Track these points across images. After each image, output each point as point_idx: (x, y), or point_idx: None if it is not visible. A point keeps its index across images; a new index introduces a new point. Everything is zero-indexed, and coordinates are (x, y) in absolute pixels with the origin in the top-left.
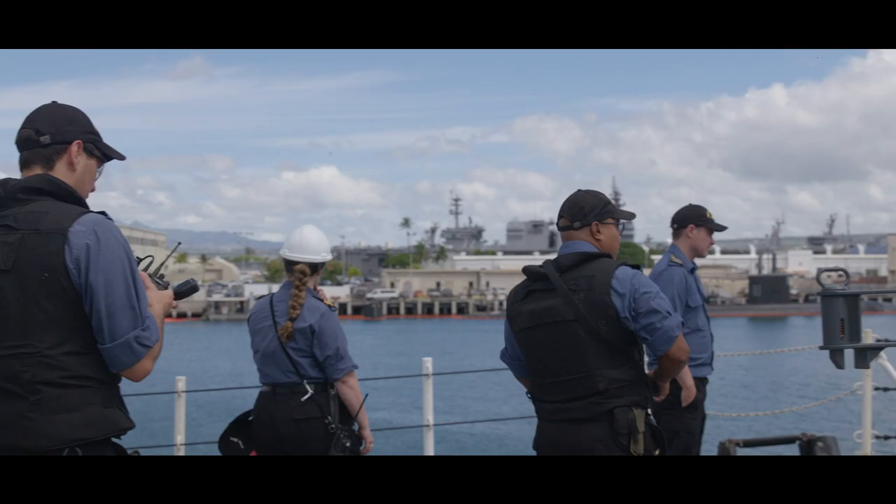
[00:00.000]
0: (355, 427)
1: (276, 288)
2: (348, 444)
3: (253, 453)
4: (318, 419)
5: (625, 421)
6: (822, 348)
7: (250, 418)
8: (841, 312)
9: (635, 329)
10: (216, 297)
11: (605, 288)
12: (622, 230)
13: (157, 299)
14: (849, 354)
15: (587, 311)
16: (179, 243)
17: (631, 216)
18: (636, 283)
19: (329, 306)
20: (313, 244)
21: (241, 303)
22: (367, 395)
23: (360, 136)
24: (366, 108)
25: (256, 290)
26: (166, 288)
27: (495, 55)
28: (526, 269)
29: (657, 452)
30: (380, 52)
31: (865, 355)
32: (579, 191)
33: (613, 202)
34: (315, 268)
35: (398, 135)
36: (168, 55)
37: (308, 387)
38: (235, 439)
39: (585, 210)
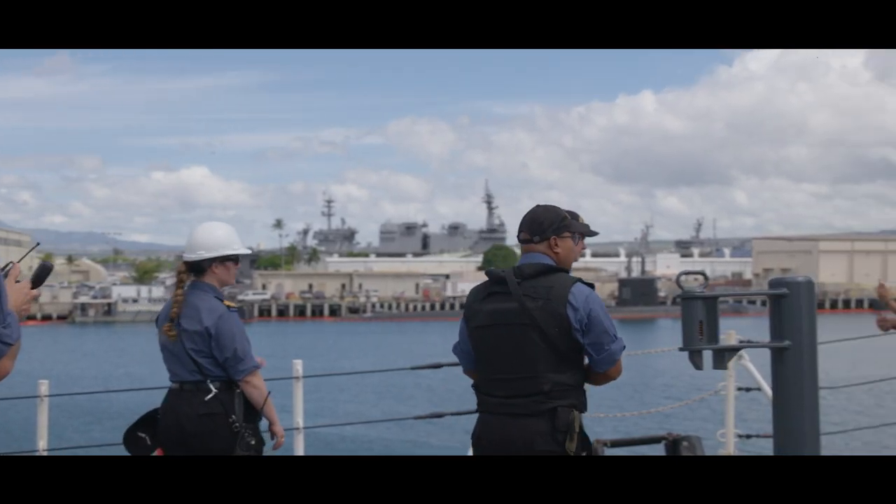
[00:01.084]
0: (266, 424)
1: (144, 290)
2: (252, 443)
3: (159, 451)
4: (221, 417)
5: (566, 419)
6: (681, 349)
7: (159, 415)
8: (700, 314)
9: (584, 343)
10: (83, 299)
11: (562, 300)
12: (578, 243)
13: (12, 292)
14: (708, 355)
15: (542, 319)
16: (38, 243)
17: (590, 232)
18: (591, 302)
19: (229, 307)
20: (192, 242)
21: (109, 305)
22: (269, 392)
23: (233, 136)
24: (239, 108)
25: (124, 291)
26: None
27: (369, 56)
28: (489, 272)
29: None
30: (253, 52)
31: (723, 356)
32: (538, 206)
33: (569, 217)
34: (195, 266)
35: (271, 135)
36: (32, 51)
37: (212, 385)
38: (143, 434)
39: (544, 225)
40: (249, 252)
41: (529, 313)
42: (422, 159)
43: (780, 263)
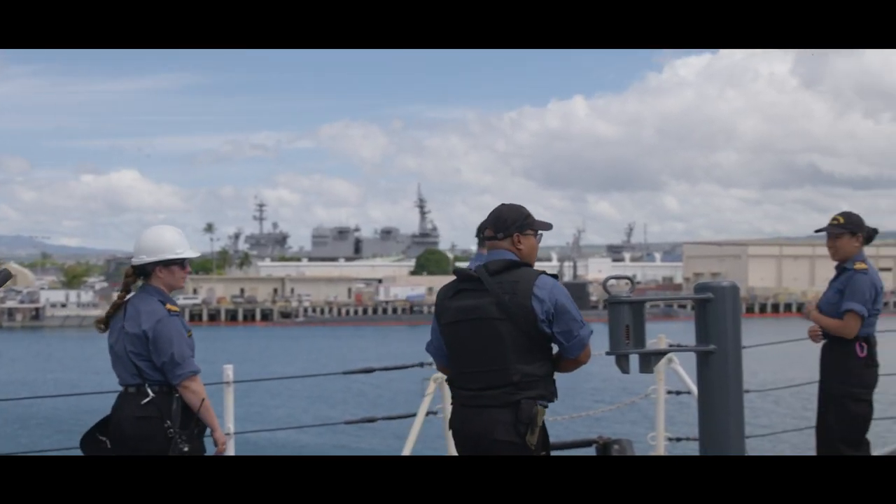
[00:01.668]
0: (206, 431)
1: (73, 295)
2: (186, 449)
3: None
4: (157, 421)
5: (528, 412)
6: (608, 353)
7: None
8: (626, 319)
9: (552, 332)
10: (9, 304)
11: (527, 293)
12: (540, 240)
13: None
14: (634, 359)
15: (510, 312)
16: None
17: (548, 227)
18: (555, 292)
19: (170, 311)
20: (137, 246)
21: (37, 310)
22: (203, 399)
23: (163, 139)
24: (169, 110)
25: (53, 296)
26: None
27: (300, 59)
28: (456, 270)
29: (542, 454)
30: (184, 55)
31: (649, 360)
32: (502, 205)
33: (532, 215)
34: (141, 270)
35: (202, 139)
36: None
37: (150, 389)
38: (103, 438)
39: (508, 223)
40: (197, 256)
41: (499, 307)
42: (354, 163)
43: (710, 268)
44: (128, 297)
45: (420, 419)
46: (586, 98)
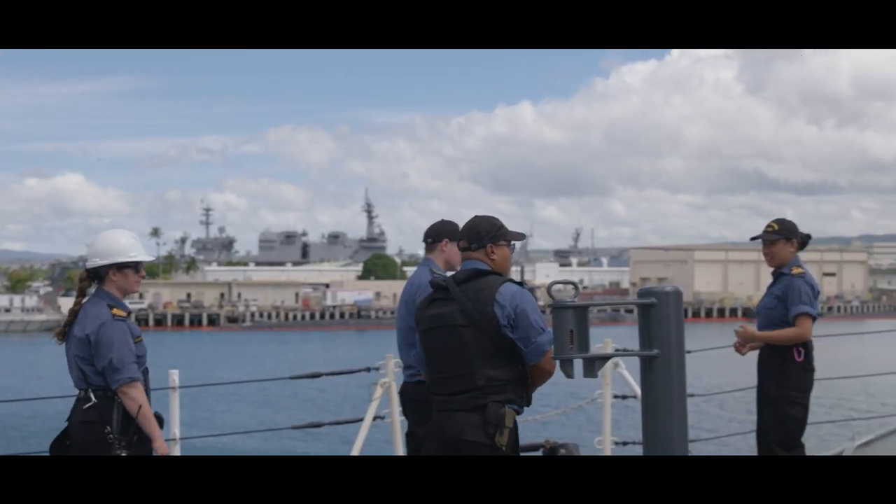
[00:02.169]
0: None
1: (17, 299)
2: (123, 455)
3: None
4: (98, 426)
5: (495, 414)
6: (552, 358)
7: None
8: (570, 323)
9: (514, 337)
10: None
11: (490, 300)
12: (514, 250)
13: None
14: (579, 364)
15: (474, 319)
16: None
17: (521, 237)
18: (517, 299)
19: (115, 316)
20: (90, 250)
21: None
22: (140, 406)
23: (109, 143)
24: (115, 114)
25: None
26: None
27: (246, 62)
28: (431, 282)
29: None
30: (131, 58)
31: (594, 365)
32: (476, 216)
33: (505, 226)
34: (94, 274)
35: (148, 142)
36: None
37: (92, 394)
38: (69, 442)
39: (481, 234)
40: (151, 259)
41: (464, 314)
42: (301, 168)
43: (656, 273)
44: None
45: (367, 424)
46: (534, 103)
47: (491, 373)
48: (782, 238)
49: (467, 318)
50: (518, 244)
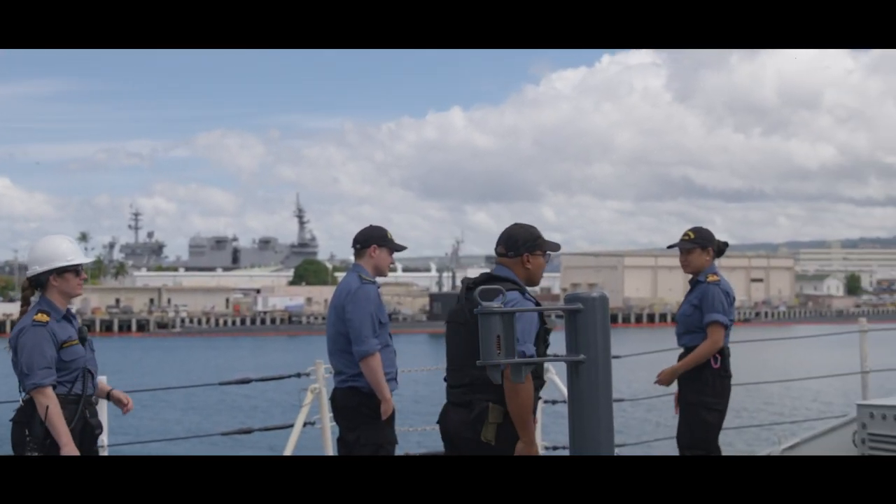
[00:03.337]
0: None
1: None
2: (29, 455)
3: None
4: (21, 427)
5: (478, 410)
6: (479, 363)
7: None
8: (497, 329)
9: None
10: None
11: None
12: (549, 259)
13: None
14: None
15: (468, 319)
16: None
17: (557, 247)
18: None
19: (35, 322)
20: (28, 258)
21: None
22: (46, 408)
23: (35, 146)
24: (41, 117)
25: None
26: None
27: (174, 65)
28: (462, 280)
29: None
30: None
31: (520, 370)
32: (515, 224)
33: (542, 236)
34: (35, 281)
35: (75, 146)
36: None
37: (21, 397)
38: None
39: (518, 242)
40: (90, 262)
41: (463, 314)
42: (231, 173)
43: (587, 278)
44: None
45: (297, 430)
46: (464, 110)
47: (476, 372)
48: (698, 247)
49: (465, 318)
50: (450, 249)
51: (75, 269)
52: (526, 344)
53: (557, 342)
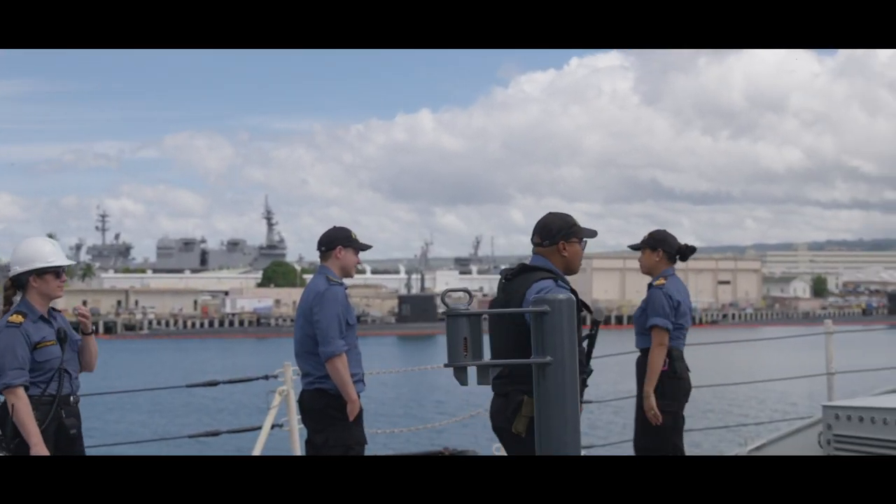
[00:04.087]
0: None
1: None
2: (1, 454)
3: None
4: None
5: (514, 403)
6: (446, 366)
7: None
8: (464, 331)
9: None
10: None
11: (520, 295)
12: (584, 246)
13: None
14: (473, 371)
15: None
16: None
17: (593, 234)
18: (542, 293)
19: (8, 323)
20: (11, 259)
21: None
22: (13, 409)
23: (2, 147)
24: (7, 118)
25: None
26: None
27: (142, 66)
28: (501, 271)
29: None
30: (23, 61)
31: (487, 372)
32: (549, 213)
33: (578, 223)
34: (17, 282)
35: (43, 147)
36: None
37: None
38: None
39: (553, 231)
40: (71, 264)
41: (501, 305)
42: (200, 174)
43: None
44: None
45: (265, 432)
46: (433, 112)
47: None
48: (647, 247)
49: (504, 308)
50: (419, 251)
51: (56, 271)
52: None
53: None
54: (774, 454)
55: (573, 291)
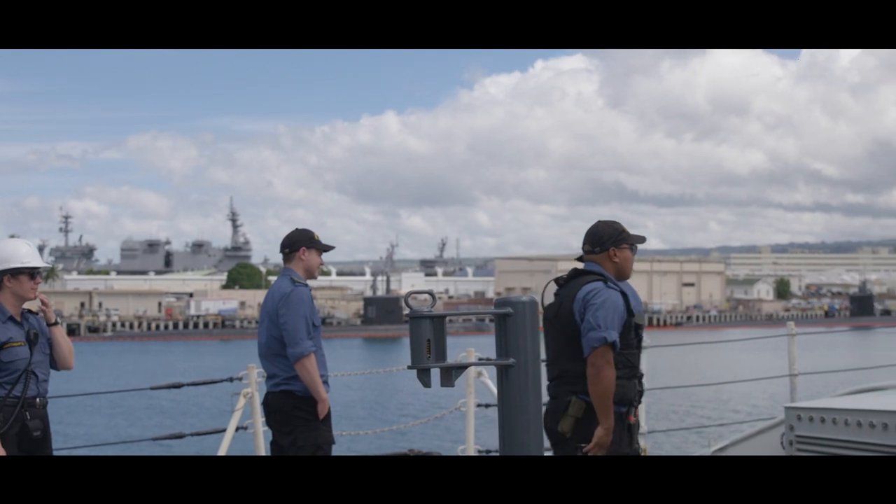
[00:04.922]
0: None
1: None
2: None
3: None
4: None
5: (562, 403)
6: (409, 368)
7: None
8: (427, 333)
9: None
10: None
11: (572, 297)
12: (635, 252)
13: None
14: (436, 373)
15: (559, 315)
16: None
17: (642, 240)
18: (590, 295)
19: None
20: None
21: None
22: None
23: None
24: None
25: None
26: None
27: (106, 67)
28: (555, 280)
29: (583, 447)
30: None
31: (450, 374)
32: (599, 222)
33: (627, 230)
34: None
35: (4, 147)
36: None
37: None
38: None
39: (603, 238)
40: (46, 266)
41: (554, 310)
42: (164, 175)
43: (521, 283)
44: None
45: (230, 434)
46: (398, 113)
47: (566, 365)
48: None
49: (558, 312)
50: (385, 253)
51: (30, 272)
52: (608, 330)
53: (490, 346)
54: (737, 454)
55: (623, 294)
